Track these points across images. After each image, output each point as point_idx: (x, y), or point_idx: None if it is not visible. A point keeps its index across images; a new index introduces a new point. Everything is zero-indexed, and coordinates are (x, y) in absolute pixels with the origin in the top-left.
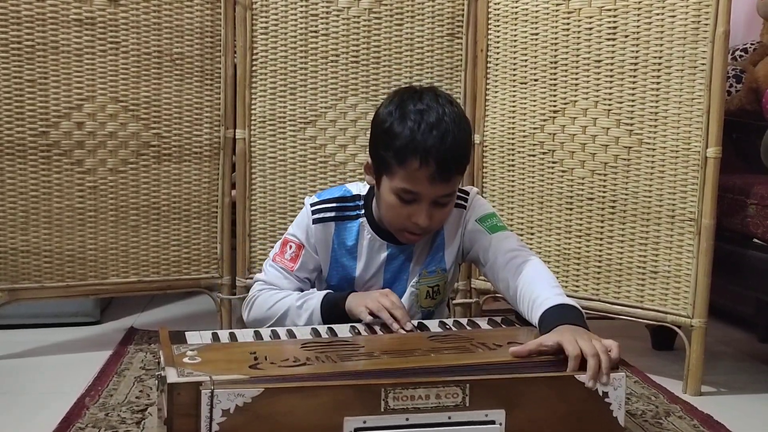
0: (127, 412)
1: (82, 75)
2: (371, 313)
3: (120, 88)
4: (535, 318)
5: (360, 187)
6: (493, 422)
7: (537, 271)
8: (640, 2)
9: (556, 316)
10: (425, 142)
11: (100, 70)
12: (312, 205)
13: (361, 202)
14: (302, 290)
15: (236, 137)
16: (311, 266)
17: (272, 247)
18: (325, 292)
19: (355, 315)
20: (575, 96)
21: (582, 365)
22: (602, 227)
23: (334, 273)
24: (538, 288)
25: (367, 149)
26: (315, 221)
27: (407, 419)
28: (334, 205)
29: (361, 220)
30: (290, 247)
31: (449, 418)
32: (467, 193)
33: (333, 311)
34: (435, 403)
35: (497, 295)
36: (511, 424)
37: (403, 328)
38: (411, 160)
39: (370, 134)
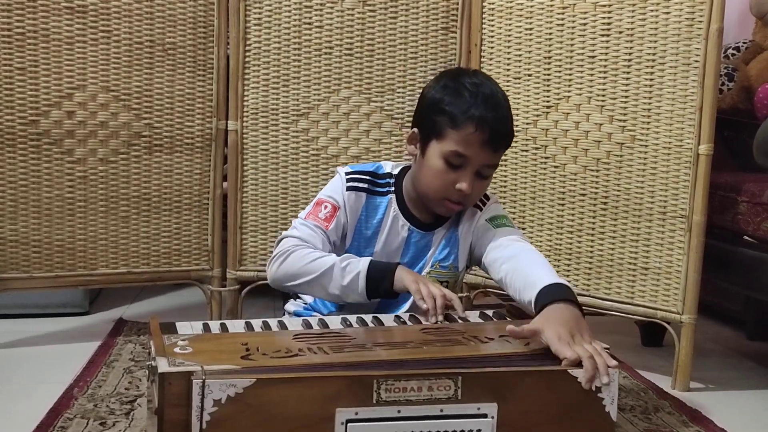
0: (116, 403)
1: (73, 63)
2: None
3: (111, 78)
4: (527, 297)
5: (392, 167)
6: (485, 415)
7: (531, 256)
8: None
9: (549, 294)
10: (481, 109)
11: (91, 59)
12: (346, 173)
13: (392, 180)
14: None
15: (228, 129)
16: (341, 231)
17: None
18: (369, 258)
19: (405, 289)
20: (569, 92)
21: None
22: (594, 223)
23: (354, 244)
24: (531, 269)
25: (410, 124)
26: (349, 188)
27: (399, 411)
28: (367, 177)
29: (390, 196)
30: (325, 207)
31: (441, 410)
32: (488, 198)
33: (381, 280)
34: (427, 396)
35: (488, 289)
36: (504, 417)
37: (460, 317)
38: (467, 124)
39: (417, 107)
